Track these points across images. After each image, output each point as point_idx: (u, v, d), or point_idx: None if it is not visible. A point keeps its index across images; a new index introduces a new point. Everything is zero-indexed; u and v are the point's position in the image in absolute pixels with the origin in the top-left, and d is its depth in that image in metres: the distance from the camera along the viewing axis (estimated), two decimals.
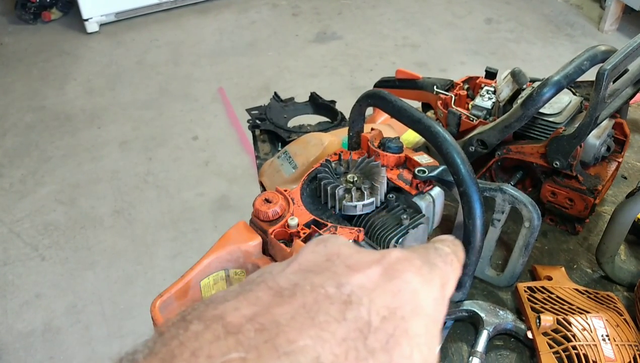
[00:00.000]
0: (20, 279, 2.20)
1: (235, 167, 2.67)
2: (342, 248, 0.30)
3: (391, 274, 0.28)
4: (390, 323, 0.26)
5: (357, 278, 0.27)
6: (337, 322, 0.24)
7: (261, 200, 0.75)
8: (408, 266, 0.29)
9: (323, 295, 0.26)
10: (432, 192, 0.79)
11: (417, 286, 0.28)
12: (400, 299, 0.27)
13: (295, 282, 0.27)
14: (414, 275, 0.28)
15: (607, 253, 0.82)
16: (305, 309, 0.25)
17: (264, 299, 0.25)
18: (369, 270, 0.28)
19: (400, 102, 0.75)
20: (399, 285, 0.27)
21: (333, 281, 0.27)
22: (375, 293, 0.27)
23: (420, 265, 0.29)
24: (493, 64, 1.37)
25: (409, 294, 0.27)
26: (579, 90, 0.97)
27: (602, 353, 0.70)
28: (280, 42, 3.54)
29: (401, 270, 0.28)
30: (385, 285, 0.27)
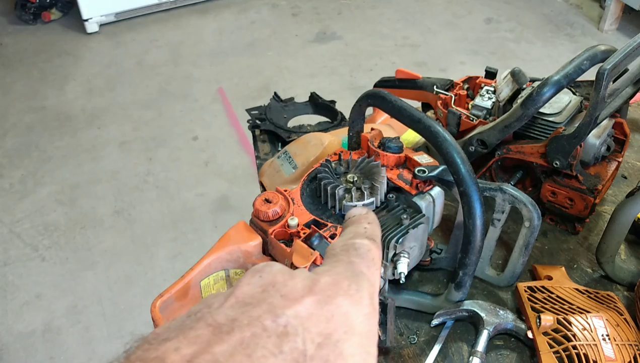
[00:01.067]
0: (21, 279, 2.20)
1: (235, 167, 2.67)
2: (276, 277, 0.31)
3: (323, 300, 0.29)
4: (326, 349, 0.27)
5: (292, 308, 0.28)
6: (274, 355, 0.26)
7: (261, 200, 0.75)
8: (338, 290, 0.30)
9: (260, 329, 0.27)
10: (432, 192, 0.79)
11: (347, 308, 0.30)
12: (334, 324, 0.28)
13: (233, 317, 0.27)
14: (344, 298, 0.30)
15: (607, 253, 0.82)
16: (243, 345, 0.26)
17: (203, 337, 0.26)
18: (302, 299, 0.29)
19: (400, 102, 0.75)
20: (332, 310, 0.29)
21: (269, 313, 0.28)
22: (309, 321, 0.28)
23: (348, 285, 0.31)
24: (493, 63, 1.37)
25: (341, 317, 0.29)
26: (579, 89, 0.97)
27: (602, 352, 0.70)
28: (280, 42, 3.54)
29: (332, 296, 0.30)
30: (318, 313, 0.29)
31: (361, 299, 0.31)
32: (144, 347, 0.26)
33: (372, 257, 0.35)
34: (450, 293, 0.79)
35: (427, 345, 0.78)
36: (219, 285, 0.76)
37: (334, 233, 0.71)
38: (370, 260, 0.35)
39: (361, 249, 0.35)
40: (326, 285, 0.31)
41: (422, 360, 0.76)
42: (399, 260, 0.73)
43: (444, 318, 0.79)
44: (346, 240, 0.37)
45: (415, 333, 0.79)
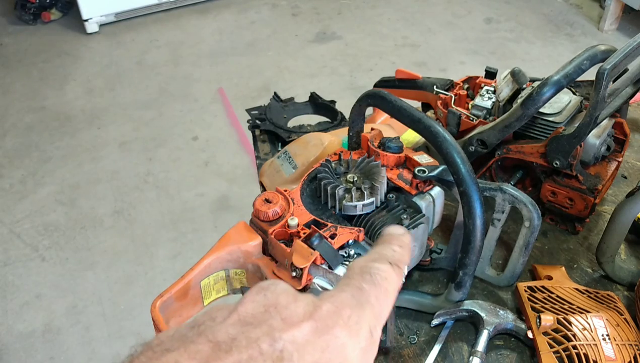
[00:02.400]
0: (21, 280, 2.21)
1: (235, 167, 2.67)
2: (280, 298, 0.31)
3: (321, 329, 0.30)
4: None
5: (290, 333, 0.29)
6: None
7: (261, 200, 0.75)
8: (337, 320, 0.31)
9: (257, 352, 0.28)
10: (432, 192, 0.79)
11: (344, 340, 0.30)
12: (328, 354, 0.29)
13: (234, 335, 0.28)
14: (342, 329, 0.30)
15: (607, 253, 0.82)
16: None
17: (203, 353, 0.27)
18: (301, 324, 0.30)
19: (400, 101, 0.75)
20: (328, 340, 0.30)
21: (267, 336, 0.29)
22: (305, 348, 0.29)
23: (348, 316, 0.31)
24: (493, 63, 1.37)
25: (337, 349, 0.30)
26: (579, 89, 0.97)
27: (602, 352, 0.70)
28: (280, 42, 3.54)
29: (331, 325, 0.30)
30: (315, 341, 0.29)
31: (359, 331, 0.31)
32: (148, 354, 0.27)
33: (387, 286, 0.35)
34: (450, 293, 0.79)
35: (427, 345, 0.78)
36: (219, 285, 0.76)
37: (334, 233, 0.71)
38: (382, 290, 0.34)
39: (377, 276, 0.35)
40: (327, 312, 0.31)
41: (422, 360, 0.76)
42: None
43: (444, 318, 0.79)
44: (367, 261, 0.37)
45: (415, 333, 0.79)
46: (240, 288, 0.77)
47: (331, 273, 0.71)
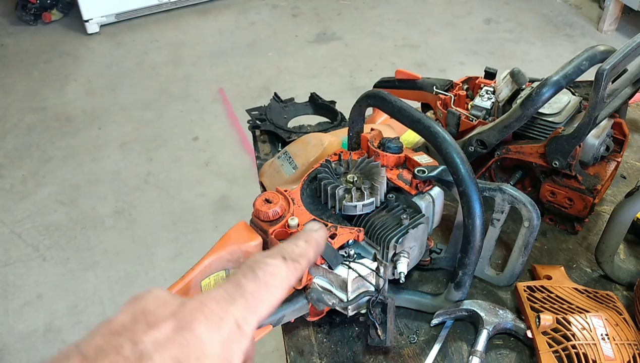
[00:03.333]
0: (22, 280, 2.21)
1: (235, 168, 2.67)
2: (149, 304, 0.33)
3: (182, 326, 0.32)
4: None
5: (152, 334, 0.31)
6: None
7: (261, 201, 0.75)
8: (198, 315, 0.32)
9: (120, 357, 0.30)
10: (432, 192, 0.79)
11: (202, 334, 0.32)
12: (187, 349, 0.31)
13: (100, 346, 0.31)
14: (201, 324, 0.32)
15: (606, 253, 0.83)
16: None
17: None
18: (163, 324, 0.32)
19: (399, 102, 0.76)
20: (186, 336, 0.31)
21: (130, 341, 0.31)
22: (165, 347, 0.30)
23: (211, 311, 0.33)
24: (492, 64, 1.37)
25: (195, 343, 0.31)
26: (578, 90, 0.97)
27: (601, 352, 0.70)
28: (280, 42, 3.55)
29: (190, 321, 0.32)
30: (174, 338, 0.31)
31: (221, 324, 0.33)
32: None
33: (270, 281, 0.36)
34: (450, 293, 0.79)
35: (427, 344, 0.78)
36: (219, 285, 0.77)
37: (334, 233, 0.71)
38: (262, 284, 0.36)
39: (261, 271, 0.36)
40: (188, 310, 0.33)
41: (422, 360, 0.76)
42: (398, 260, 0.73)
43: (444, 317, 0.80)
44: (261, 255, 0.38)
45: (415, 332, 0.79)
46: None
47: (331, 273, 0.72)
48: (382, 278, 0.73)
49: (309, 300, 0.71)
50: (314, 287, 0.72)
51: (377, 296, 0.72)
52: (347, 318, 0.78)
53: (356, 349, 0.78)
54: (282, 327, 0.79)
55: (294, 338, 0.79)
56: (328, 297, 0.72)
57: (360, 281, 0.72)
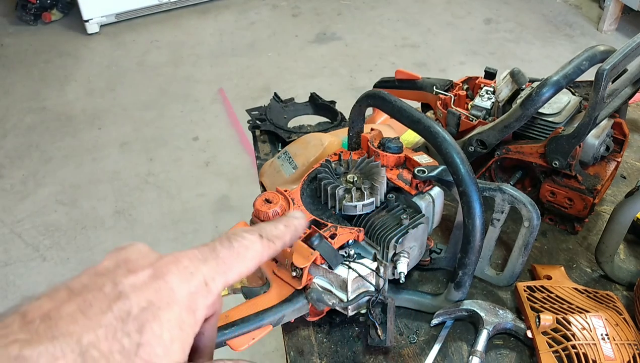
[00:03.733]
0: (22, 280, 2.21)
1: (235, 168, 2.67)
2: (131, 254, 0.38)
3: (157, 275, 0.36)
4: (146, 313, 0.34)
5: (131, 278, 0.35)
6: (104, 312, 0.33)
7: (261, 201, 0.76)
8: (172, 267, 0.37)
9: (101, 294, 0.34)
10: (432, 192, 0.79)
11: (175, 284, 0.36)
12: (160, 295, 0.35)
13: (85, 283, 0.35)
14: (174, 275, 0.36)
15: (606, 253, 0.83)
16: (84, 304, 0.34)
17: (60, 297, 0.35)
18: (141, 272, 0.36)
19: (399, 102, 0.76)
20: (160, 284, 0.36)
21: (111, 282, 0.35)
22: (141, 290, 0.35)
23: (186, 265, 0.37)
24: (492, 64, 1.37)
25: (167, 291, 0.36)
26: (578, 90, 0.97)
27: (601, 352, 0.70)
28: (280, 42, 3.55)
29: (165, 272, 0.36)
30: (150, 284, 0.35)
31: (191, 278, 0.37)
32: (25, 304, 0.35)
33: (242, 252, 0.40)
34: (450, 293, 0.79)
35: (427, 344, 0.78)
36: None
37: (334, 233, 0.71)
38: (234, 252, 0.40)
39: (236, 242, 0.40)
40: (165, 262, 0.37)
41: (422, 360, 0.76)
42: (398, 260, 0.73)
43: (444, 317, 0.80)
44: (244, 229, 0.42)
45: (415, 332, 0.79)
46: (241, 288, 0.77)
47: (331, 273, 0.72)
48: (382, 278, 0.73)
49: (309, 300, 0.71)
50: (314, 287, 0.72)
51: (377, 296, 0.72)
52: (347, 318, 0.78)
53: (356, 349, 0.78)
54: (282, 327, 0.79)
55: (294, 338, 0.79)
56: (328, 297, 0.72)
57: (360, 281, 0.72)
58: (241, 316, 0.67)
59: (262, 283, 0.75)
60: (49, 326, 0.32)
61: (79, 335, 0.32)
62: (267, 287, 0.73)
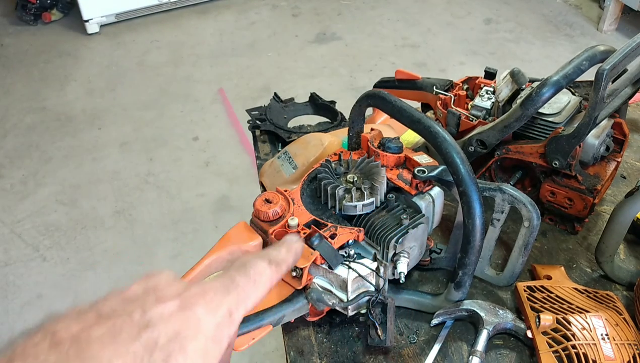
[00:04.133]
0: (22, 280, 2.21)
1: (235, 168, 2.67)
2: (160, 282, 0.39)
3: (185, 306, 0.37)
4: (173, 343, 0.35)
5: (159, 308, 0.36)
6: (133, 340, 0.34)
7: (261, 201, 0.76)
8: (199, 300, 0.38)
9: (130, 320, 0.35)
10: (432, 192, 0.79)
11: (201, 316, 0.37)
12: (187, 325, 0.36)
13: (115, 308, 0.36)
14: (201, 307, 0.38)
15: (606, 253, 0.83)
16: (114, 329, 0.34)
17: (89, 320, 0.35)
18: (170, 302, 0.37)
19: (399, 102, 0.76)
20: (188, 315, 0.37)
21: (140, 309, 0.36)
22: (169, 320, 0.36)
23: (211, 297, 0.39)
24: (492, 64, 1.37)
25: (194, 321, 0.37)
26: (578, 90, 0.97)
27: (601, 352, 0.70)
28: (280, 42, 3.55)
29: (193, 303, 0.38)
30: (177, 315, 0.36)
31: (217, 310, 0.38)
32: (53, 319, 0.35)
33: (257, 278, 0.42)
34: (450, 293, 0.79)
35: (427, 344, 0.78)
36: None
37: (334, 233, 0.71)
38: (251, 280, 0.42)
39: (251, 269, 0.43)
40: (192, 293, 0.38)
41: (422, 360, 0.76)
42: (398, 260, 0.73)
43: (444, 317, 0.80)
44: (253, 257, 0.44)
45: (415, 332, 0.79)
46: None
47: (331, 273, 0.72)
48: (382, 278, 0.73)
49: (309, 300, 0.71)
50: (314, 287, 0.72)
51: (377, 296, 0.72)
52: (347, 318, 0.78)
53: (356, 349, 0.78)
54: (282, 327, 0.79)
55: (294, 338, 0.79)
56: (328, 297, 0.72)
57: (360, 281, 0.72)
58: None
59: None
60: (79, 349, 0.33)
61: (108, 360, 0.32)
62: None
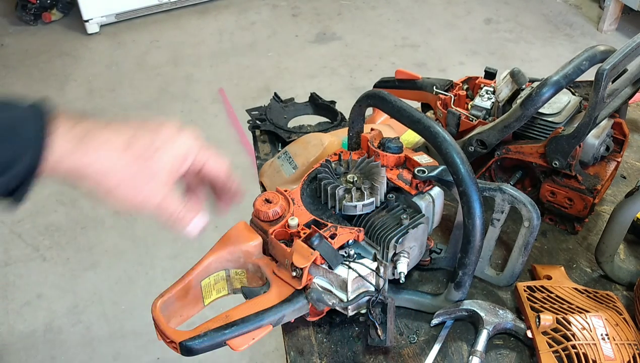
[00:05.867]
0: (22, 280, 2.21)
1: (235, 168, 2.65)
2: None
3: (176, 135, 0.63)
4: (166, 144, 0.60)
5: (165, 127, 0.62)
6: (150, 139, 0.59)
7: (261, 201, 0.76)
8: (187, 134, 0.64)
9: (143, 125, 0.60)
10: (432, 192, 0.79)
11: (182, 142, 0.62)
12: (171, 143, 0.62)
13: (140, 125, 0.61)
14: (185, 138, 0.64)
15: (606, 253, 0.83)
16: (151, 133, 0.60)
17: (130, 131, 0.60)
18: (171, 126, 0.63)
19: (399, 102, 0.76)
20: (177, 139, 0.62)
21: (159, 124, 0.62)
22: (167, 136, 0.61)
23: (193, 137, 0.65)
24: (492, 64, 1.37)
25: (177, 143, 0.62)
26: (578, 90, 0.97)
27: (601, 352, 0.70)
28: (280, 42, 3.54)
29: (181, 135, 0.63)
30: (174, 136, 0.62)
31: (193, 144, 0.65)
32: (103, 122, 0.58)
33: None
34: (450, 292, 0.79)
35: (427, 344, 0.78)
36: (219, 285, 0.77)
37: (334, 233, 0.71)
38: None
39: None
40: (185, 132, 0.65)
41: (422, 360, 0.76)
42: (398, 260, 0.73)
43: (444, 317, 0.80)
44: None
45: (415, 332, 0.79)
46: (241, 288, 0.77)
47: (331, 273, 0.72)
48: (382, 278, 0.73)
49: (309, 300, 0.71)
50: (314, 287, 0.72)
51: (377, 296, 0.72)
52: (347, 318, 0.78)
53: (356, 349, 0.78)
54: (282, 327, 0.80)
55: (294, 338, 0.79)
56: (328, 297, 0.72)
57: (360, 281, 0.72)
58: (241, 316, 0.68)
59: (262, 283, 0.75)
60: (133, 134, 0.58)
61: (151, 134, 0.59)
62: (267, 287, 0.73)
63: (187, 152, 0.60)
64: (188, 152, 0.60)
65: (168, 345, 0.67)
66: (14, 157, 0.49)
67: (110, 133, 0.55)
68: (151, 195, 0.57)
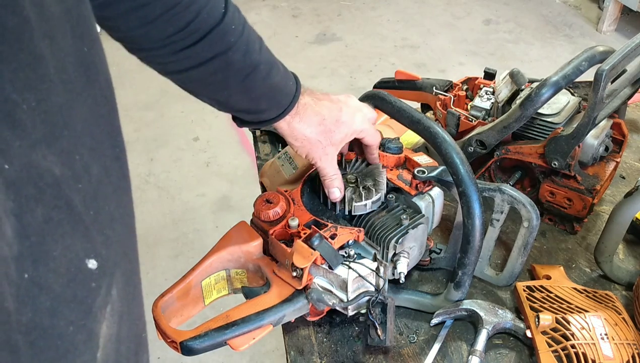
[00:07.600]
0: None
1: (236, 168, 2.68)
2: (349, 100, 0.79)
3: (356, 109, 0.78)
4: (346, 118, 0.76)
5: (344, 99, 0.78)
6: (328, 107, 0.75)
7: (262, 201, 0.76)
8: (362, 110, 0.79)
9: (330, 101, 0.77)
10: (432, 192, 0.79)
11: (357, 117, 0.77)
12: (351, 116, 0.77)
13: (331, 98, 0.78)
14: (362, 113, 0.78)
15: (605, 253, 0.83)
16: (331, 101, 0.77)
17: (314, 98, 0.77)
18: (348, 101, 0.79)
19: (399, 102, 0.76)
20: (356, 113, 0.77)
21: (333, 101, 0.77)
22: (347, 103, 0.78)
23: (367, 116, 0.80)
24: (492, 64, 1.37)
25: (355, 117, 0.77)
26: (578, 90, 0.97)
27: (600, 352, 0.70)
28: (280, 43, 3.55)
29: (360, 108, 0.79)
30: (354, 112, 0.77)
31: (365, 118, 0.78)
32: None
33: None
34: (450, 292, 0.79)
35: (426, 344, 0.78)
36: (220, 285, 0.77)
37: (334, 233, 0.72)
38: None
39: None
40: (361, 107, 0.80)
41: (421, 359, 0.76)
42: (398, 260, 0.74)
43: (444, 317, 0.80)
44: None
45: (414, 332, 0.80)
46: (241, 288, 0.77)
47: (331, 273, 0.72)
48: (382, 278, 0.74)
49: (309, 300, 0.71)
50: (314, 287, 0.72)
51: (377, 296, 0.72)
52: (347, 318, 0.78)
53: (356, 349, 0.78)
54: (282, 326, 0.80)
55: (294, 338, 0.79)
56: (328, 297, 0.72)
57: (360, 281, 0.73)
58: (242, 316, 0.68)
59: (262, 283, 0.76)
60: (316, 101, 0.76)
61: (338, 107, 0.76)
62: (267, 287, 0.73)
63: (361, 127, 0.76)
64: (362, 128, 0.76)
65: (169, 344, 0.67)
66: (281, 102, 0.71)
67: (317, 109, 0.74)
68: (325, 154, 0.74)
